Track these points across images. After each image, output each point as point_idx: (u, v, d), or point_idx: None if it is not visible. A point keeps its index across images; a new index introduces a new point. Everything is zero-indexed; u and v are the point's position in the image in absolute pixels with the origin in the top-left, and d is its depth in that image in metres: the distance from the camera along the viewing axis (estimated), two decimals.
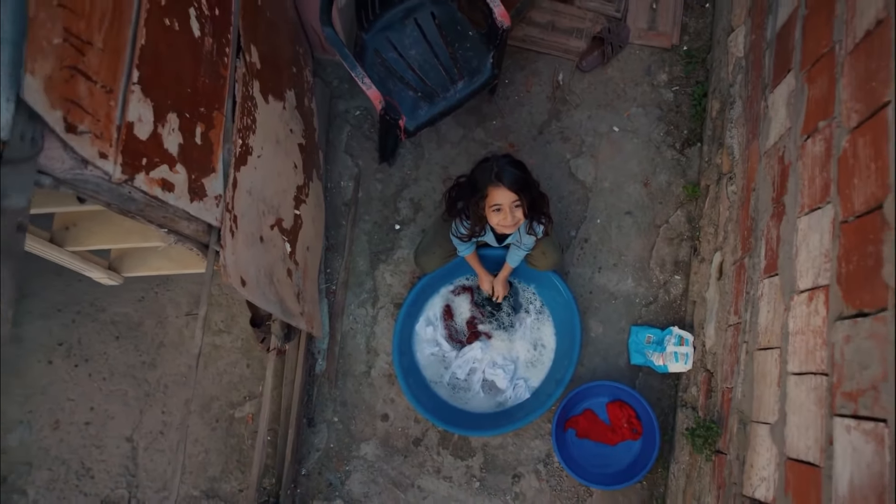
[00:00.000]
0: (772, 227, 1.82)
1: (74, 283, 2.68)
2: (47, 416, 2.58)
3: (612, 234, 2.62)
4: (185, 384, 2.60)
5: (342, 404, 2.54)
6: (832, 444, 1.33)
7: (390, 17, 2.41)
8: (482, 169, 2.01)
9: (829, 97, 1.56)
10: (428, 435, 2.50)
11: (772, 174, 1.87)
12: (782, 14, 1.99)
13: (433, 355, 2.52)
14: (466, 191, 2.07)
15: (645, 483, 2.38)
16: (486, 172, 1.98)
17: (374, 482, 2.47)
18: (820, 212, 1.53)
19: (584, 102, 2.75)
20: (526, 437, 2.46)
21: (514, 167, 1.98)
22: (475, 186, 2.01)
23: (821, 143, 1.57)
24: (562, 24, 2.80)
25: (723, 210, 2.30)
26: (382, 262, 2.64)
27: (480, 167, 2.03)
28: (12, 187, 0.93)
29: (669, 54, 2.79)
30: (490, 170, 1.96)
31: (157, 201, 1.31)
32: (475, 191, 2.01)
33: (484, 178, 1.97)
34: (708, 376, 2.21)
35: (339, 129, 2.74)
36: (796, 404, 1.52)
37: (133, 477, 2.53)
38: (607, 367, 2.49)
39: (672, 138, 2.69)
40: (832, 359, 1.37)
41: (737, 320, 2.02)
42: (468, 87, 2.33)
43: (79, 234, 1.75)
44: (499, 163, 1.97)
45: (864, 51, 1.41)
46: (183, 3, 1.39)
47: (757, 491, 1.67)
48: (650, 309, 2.54)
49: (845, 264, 1.37)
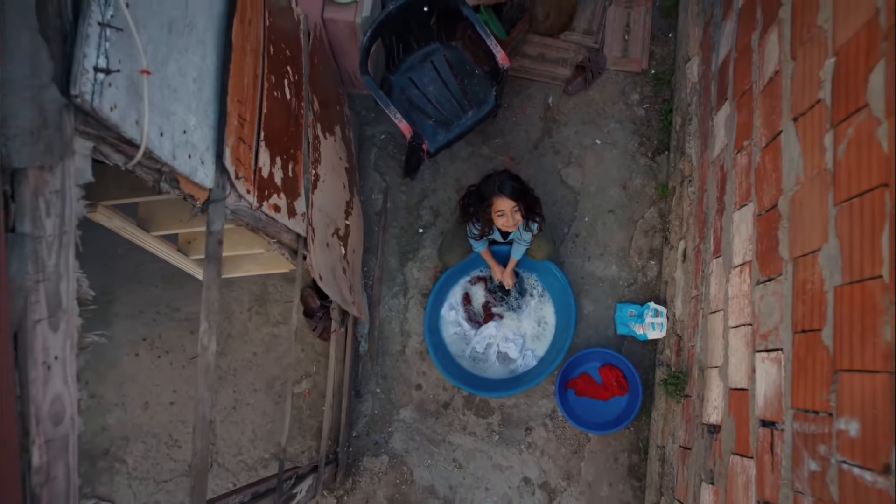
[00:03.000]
0: (717, 220, 2.38)
1: (152, 289, 3.22)
2: (138, 398, 3.11)
3: (598, 230, 3.18)
4: (251, 367, 3.14)
5: (383, 378, 3.09)
6: (754, 372, 1.89)
7: (411, 60, 2.96)
8: (487, 183, 2.57)
9: (750, 123, 2.12)
10: (455, 399, 3.05)
11: (716, 178, 2.43)
12: (722, 52, 2.55)
13: (456, 334, 3.07)
14: (475, 200, 2.62)
15: (632, 428, 2.94)
16: (490, 186, 2.53)
17: (412, 440, 3.02)
18: (746, 208, 2.08)
19: (570, 121, 3.30)
20: (534, 397, 3.02)
21: (512, 180, 2.54)
22: (482, 197, 2.57)
23: (745, 157, 2.13)
24: (550, 55, 3.36)
25: (685, 207, 2.86)
26: (410, 260, 3.19)
27: (486, 181, 2.59)
28: (215, 217, 1.47)
29: (640, 77, 3.34)
30: (493, 183, 2.52)
31: (272, 220, 1.85)
32: (482, 200, 2.57)
33: (489, 190, 2.53)
34: (678, 340, 2.77)
35: (368, 150, 3.28)
36: (734, 349, 2.08)
37: (213, 445, 3.06)
38: (598, 338, 3.05)
39: (644, 148, 3.25)
40: (753, 312, 1.93)
41: (696, 293, 2.58)
42: (476, 115, 2.87)
43: (198, 247, 2.29)
44: (500, 177, 2.53)
45: (769, 92, 1.97)
46: (281, 77, 1.93)
47: (711, 417, 2.23)
48: (631, 289, 3.10)
49: (760, 245, 1.93)
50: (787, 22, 1.88)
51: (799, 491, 1.56)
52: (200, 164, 1.39)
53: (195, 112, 1.36)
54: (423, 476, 2.98)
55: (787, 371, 1.68)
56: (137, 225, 1.99)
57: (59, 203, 0.99)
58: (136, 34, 1.06)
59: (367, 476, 2.99)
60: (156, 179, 1.29)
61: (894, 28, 1.29)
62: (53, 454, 1.01)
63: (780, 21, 1.93)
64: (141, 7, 1.11)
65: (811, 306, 1.58)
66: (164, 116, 1.22)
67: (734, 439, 2.01)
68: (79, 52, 0.97)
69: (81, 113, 1.01)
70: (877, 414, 1.26)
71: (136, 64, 1.10)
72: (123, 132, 1.09)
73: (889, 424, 1.22)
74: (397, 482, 2.98)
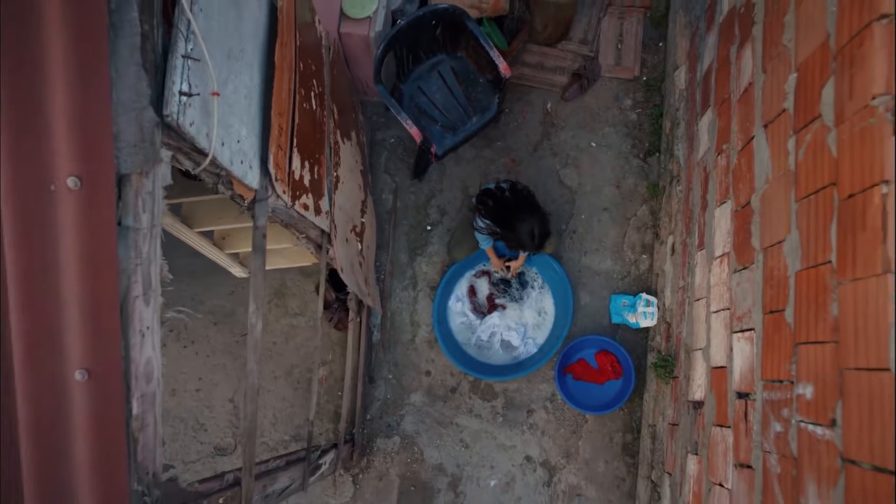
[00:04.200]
0: (701, 216, 2.61)
1: (176, 283, 3.44)
2: (166, 386, 3.34)
3: (593, 226, 3.41)
4: (271, 356, 3.37)
5: (394, 365, 3.32)
6: (732, 350, 2.12)
7: (420, 70, 3.19)
8: (523, 232, 2.64)
9: (728, 128, 2.35)
10: (461, 384, 3.28)
11: (700, 178, 2.67)
12: (706, 63, 2.78)
13: (462, 323, 3.31)
14: (504, 229, 2.72)
15: (625, 409, 3.17)
16: (525, 239, 2.65)
17: (422, 422, 3.25)
18: (725, 205, 2.32)
19: (567, 125, 3.53)
20: (535, 381, 3.25)
21: (544, 237, 2.66)
22: (511, 236, 2.68)
23: (725, 159, 2.36)
24: (548, 63, 3.59)
25: (674, 204, 3.09)
26: (419, 256, 3.42)
27: (521, 227, 2.63)
28: (259, 214, 1.70)
29: (632, 84, 3.58)
30: (531, 240, 2.65)
31: (302, 217, 2.08)
32: (510, 238, 2.70)
33: (522, 243, 2.69)
34: (667, 327, 3.00)
35: (379, 154, 3.52)
36: (714, 332, 2.32)
37: (237, 428, 3.30)
38: (594, 326, 3.28)
39: (637, 150, 3.48)
40: (731, 298, 2.17)
41: (683, 284, 2.81)
42: (480, 121, 3.11)
43: (231, 242, 2.52)
44: (537, 238, 2.64)
45: (744, 101, 2.20)
46: (308, 89, 2.16)
47: (696, 395, 2.46)
48: (625, 281, 3.33)
49: (736, 238, 2.16)
50: (759, 39, 2.11)
51: (767, 451, 1.80)
52: (249, 168, 1.62)
53: (246, 124, 1.59)
54: (433, 455, 3.22)
55: (758, 348, 1.91)
56: (181, 222, 2.23)
57: (151, 202, 1.23)
58: (209, 63, 1.29)
59: (381, 456, 3.22)
60: (215, 182, 1.52)
61: (842, 51, 1.53)
62: (146, 406, 1.24)
63: (753, 38, 2.16)
64: (211, 40, 1.35)
65: (777, 290, 1.81)
66: (224, 129, 1.45)
67: (715, 412, 2.24)
68: (168, 80, 1.20)
69: (168, 128, 1.24)
70: (825, 377, 1.50)
71: (207, 87, 1.33)
72: (197, 143, 1.32)
73: (834, 384, 1.45)
74: (409, 461, 3.22)
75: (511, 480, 3.17)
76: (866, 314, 1.35)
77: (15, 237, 1.09)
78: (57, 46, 1.04)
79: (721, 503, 2.11)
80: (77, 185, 1.07)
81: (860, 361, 1.36)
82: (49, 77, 1.05)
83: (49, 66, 1.05)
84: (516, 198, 2.73)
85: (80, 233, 1.10)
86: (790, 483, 1.65)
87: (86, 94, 1.06)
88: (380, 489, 3.20)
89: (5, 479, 1.15)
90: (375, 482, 3.20)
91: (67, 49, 1.04)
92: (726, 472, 2.09)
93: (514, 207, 2.70)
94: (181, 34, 1.23)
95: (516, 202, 2.71)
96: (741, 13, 2.32)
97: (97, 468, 1.16)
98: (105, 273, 1.13)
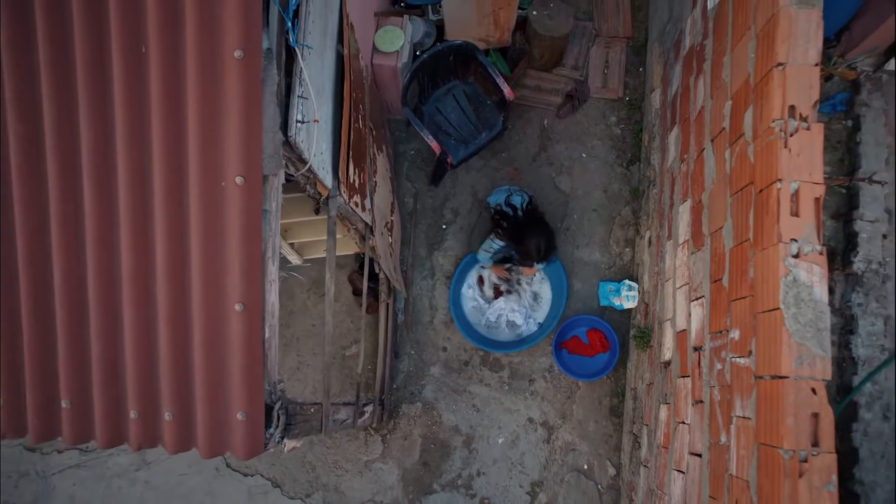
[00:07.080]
0: (669, 213, 3.21)
1: None
2: None
3: (584, 225, 4.00)
4: (311, 336, 3.95)
5: (416, 342, 3.90)
6: (690, 315, 2.71)
7: (438, 94, 3.80)
8: (532, 246, 3.36)
9: (688, 141, 2.95)
10: (473, 358, 3.86)
11: (669, 182, 3.27)
12: (674, 87, 3.39)
13: (473, 307, 3.89)
14: (512, 239, 3.41)
15: (612, 377, 3.75)
16: (533, 253, 3.35)
17: (440, 390, 3.83)
18: (686, 202, 2.91)
19: (562, 138, 4.14)
20: (536, 355, 3.83)
21: (550, 250, 3.36)
22: (522, 249, 3.38)
23: (685, 166, 2.96)
24: (544, 86, 4.20)
25: (651, 204, 3.68)
26: (436, 250, 4.01)
27: (530, 243, 3.36)
28: (332, 207, 2.30)
29: (617, 103, 4.18)
30: (538, 253, 3.35)
31: (354, 212, 2.68)
32: (520, 252, 3.39)
33: (532, 256, 3.36)
34: (646, 307, 3.58)
35: (401, 164, 4.11)
36: (678, 303, 2.90)
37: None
38: (585, 308, 3.87)
39: (621, 159, 4.08)
40: (689, 275, 2.76)
41: (657, 269, 3.40)
42: (488, 135, 3.71)
43: (294, 233, 3.11)
44: (545, 252, 3.36)
45: (698, 120, 2.81)
46: (357, 112, 2.76)
47: (665, 357, 3.04)
48: (611, 270, 3.92)
49: (692, 227, 2.76)
50: (708, 73, 2.72)
51: (712, 386, 2.38)
52: (326, 174, 2.21)
53: (325, 140, 2.18)
54: (450, 418, 3.79)
55: (707, 310, 2.50)
56: None
57: (276, 194, 1.82)
58: (313, 100, 1.88)
59: (405, 419, 3.79)
60: (305, 183, 2.11)
61: (757, 87, 2.14)
62: (272, 333, 1.82)
63: (704, 71, 2.77)
64: (311, 83, 1.95)
65: (718, 264, 2.40)
66: (315, 144, 2.05)
67: (679, 367, 2.82)
68: (290, 112, 1.80)
69: (287, 145, 1.83)
70: (746, 322, 2.09)
71: (309, 115, 1.92)
72: (303, 155, 1.91)
73: (751, 326, 2.04)
74: (429, 423, 3.79)
75: (516, 438, 3.74)
76: (767, 272, 1.95)
77: (200, 216, 1.68)
78: (232, 93, 1.64)
79: (683, 436, 2.69)
80: (242, 182, 1.67)
81: (764, 306, 1.95)
82: (227, 112, 1.64)
83: (227, 105, 1.64)
84: (528, 217, 3.35)
85: (240, 214, 1.69)
86: (726, 404, 2.23)
87: (249, 123, 1.65)
88: (405, 447, 3.76)
89: (187, 380, 1.74)
90: (401, 441, 3.77)
91: (240, 94, 1.63)
92: (687, 411, 2.67)
93: (524, 226, 3.34)
94: (298, 80, 1.83)
95: (527, 221, 3.34)
96: (697, 50, 2.93)
97: (245, 371, 1.74)
98: (254, 241, 1.72)
